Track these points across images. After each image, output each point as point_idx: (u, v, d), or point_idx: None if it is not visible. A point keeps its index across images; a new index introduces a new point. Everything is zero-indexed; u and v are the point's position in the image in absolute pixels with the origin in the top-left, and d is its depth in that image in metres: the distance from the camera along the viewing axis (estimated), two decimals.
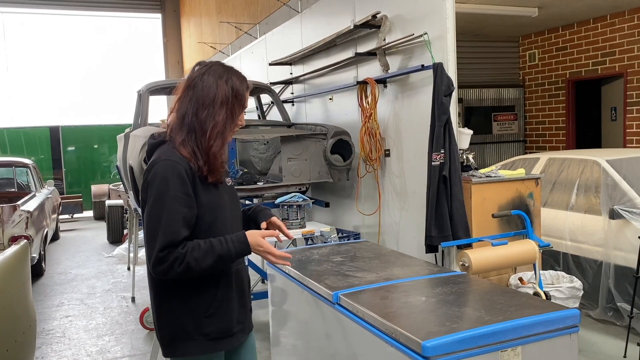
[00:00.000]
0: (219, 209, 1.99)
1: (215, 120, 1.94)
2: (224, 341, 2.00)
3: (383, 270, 2.93)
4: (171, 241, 1.83)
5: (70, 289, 6.57)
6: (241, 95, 2.01)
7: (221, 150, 1.96)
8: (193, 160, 1.92)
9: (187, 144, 1.94)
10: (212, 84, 1.96)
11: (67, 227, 11.83)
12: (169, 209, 1.85)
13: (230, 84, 1.98)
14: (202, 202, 1.93)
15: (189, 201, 1.88)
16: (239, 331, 2.06)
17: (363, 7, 4.80)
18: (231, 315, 2.01)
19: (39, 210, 7.54)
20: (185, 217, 1.87)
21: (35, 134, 14.03)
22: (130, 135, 4.78)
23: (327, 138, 4.73)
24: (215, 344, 1.97)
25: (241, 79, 2.03)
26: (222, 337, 1.99)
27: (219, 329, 1.97)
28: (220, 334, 1.98)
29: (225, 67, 2.03)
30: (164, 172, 1.88)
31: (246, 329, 2.13)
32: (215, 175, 1.96)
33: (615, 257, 4.33)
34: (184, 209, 1.86)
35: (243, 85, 2.02)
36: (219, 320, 1.97)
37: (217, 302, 1.97)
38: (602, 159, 4.77)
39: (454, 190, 3.73)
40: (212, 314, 1.95)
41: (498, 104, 9.63)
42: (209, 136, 1.93)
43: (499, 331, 1.99)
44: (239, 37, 10.38)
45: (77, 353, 4.52)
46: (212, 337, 1.96)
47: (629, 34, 7.78)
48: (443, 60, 3.81)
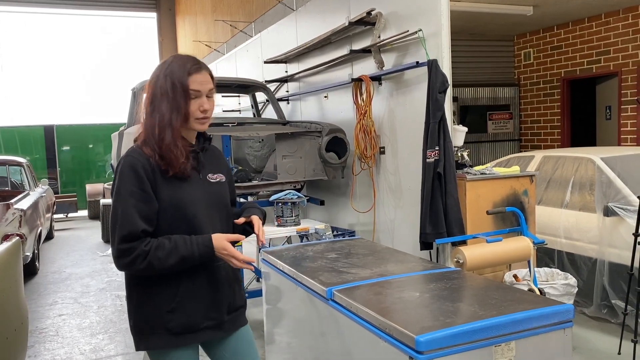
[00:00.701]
0: (185, 205, 1.96)
1: (160, 113, 1.92)
2: (188, 336, 1.99)
3: (377, 266, 2.92)
4: (129, 232, 1.84)
5: (64, 288, 6.54)
6: (180, 82, 1.92)
7: (175, 142, 1.92)
8: (152, 155, 1.92)
9: (147, 141, 1.95)
10: (154, 78, 1.96)
11: (62, 226, 11.78)
12: (123, 202, 1.87)
13: (169, 71, 1.93)
14: (164, 198, 1.92)
15: (144, 196, 1.88)
16: (208, 327, 2.02)
17: (358, 4, 4.79)
18: (196, 311, 1.98)
19: (32, 209, 7.50)
20: (141, 211, 1.87)
21: (30, 133, 13.97)
22: (125, 133, 4.76)
23: (322, 136, 4.72)
24: (178, 339, 1.97)
25: (181, 65, 1.94)
26: (186, 333, 1.98)
27: (181, 324, 1.96)
28: (184, 329, 1.97)
29: (172, 57, 1.99)
30: (122, 169, 1.91)
31: (225, 327, 2.08)
32: (174, 168, 1.92)
33: (610, 255, 4.34)
34: (140, 203, 1.87)
35: (182, 71, 1.93)
36: (181, 316, 1.96)
37: (179, 298, 1.96)
38: (597, 157, 4.78)
39: (448, 187, 3.73)
40: (174, 309, 1.95)
41: (493, 103, 9.64)
42: (158, 129, 1.92)
43: (492, 326, 1.99)
44: (234, 35, 10.36)
45: (70, 351, 4.49)
46: (175, 332, 1.96)
47: (624, 32, 7.80)
48: (438, 57, 3.80)
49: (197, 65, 1.95)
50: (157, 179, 1.91)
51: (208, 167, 2.07)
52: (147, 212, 1.89)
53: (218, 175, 2.10)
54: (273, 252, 3.28)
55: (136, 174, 1.88)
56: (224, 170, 2.16)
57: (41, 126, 14.04)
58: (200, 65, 1.96)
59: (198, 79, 1.94)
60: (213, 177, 2.08)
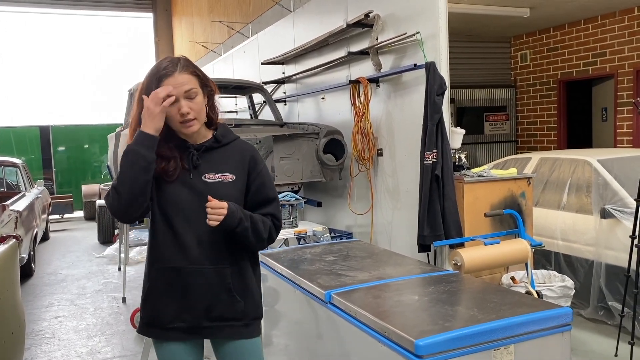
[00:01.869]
0: (162, 204, 1.99)
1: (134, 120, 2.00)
2: (154, 331, 2.05)
3: (376, 269, 2.92)
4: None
5: (60, 290, 6.51)
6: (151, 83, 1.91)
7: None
8: None
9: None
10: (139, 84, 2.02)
11: (58, 227, 11.74)
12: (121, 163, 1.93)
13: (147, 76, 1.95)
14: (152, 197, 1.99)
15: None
16: (180, 328, 2.00)
17: (356, 6, 4.79)
18: (164, 308, 2.01)
19: (28, 210, 7.47)
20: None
21: (25, 134, 13.91)
22: (121, 134, 4.75)
23: (320, 137, 4.72)
24: (148, 330, 2.06)
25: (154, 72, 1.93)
26: (152, 325, 2.05)
27: (149, 316, 2.05)
28: (151, 322, 2.04)
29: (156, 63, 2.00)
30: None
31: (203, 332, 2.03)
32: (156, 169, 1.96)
33: (607, 257, 4.35)
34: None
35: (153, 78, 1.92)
36: (149, 308, 2.05)
37: (147, 291, 2.05)
38: (594, 159, 4.79)
39: (446, 189, 3.73)
40: (144, 299, 2.06)
41: (490, 104, 9.66)
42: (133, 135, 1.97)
43: (491, 330, 1.99)
44: (231, 36, 10.35)
45: (67, 354, 4.47)
46: (145, 321, 2.06)
47: (620, 34, 7.83)
48: (435, 60, 3.80)
49: (169, 70, 1.90)
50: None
51: (208, 166, 2.01)
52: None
53: (221, 175, 2.01)
54: (271, 254, 3.27)
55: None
56: (238, 169, 2.04)
57: (37, 126, 13.99)
58: (172, 69, 1.91)
59: (170, 83, 1.89)
60: (213, 176, 2.00)
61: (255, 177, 2.07)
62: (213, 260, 2.00)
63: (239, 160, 2.06)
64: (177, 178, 1.98)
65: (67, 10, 15.42)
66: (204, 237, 1.98)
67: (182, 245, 1.98)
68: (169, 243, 1.99)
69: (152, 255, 2.04)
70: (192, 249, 1.98)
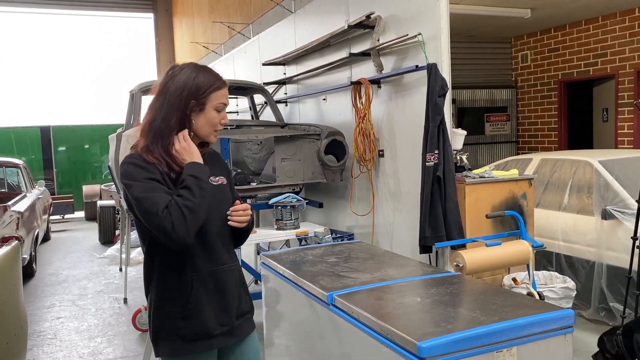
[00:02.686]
0: None
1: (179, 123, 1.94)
2: (201, 343, 1.98)
3: (377, 270, 2.92)
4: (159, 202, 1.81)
5: (61, 290, 6.52)
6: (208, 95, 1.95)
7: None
8: (159, 163, 1.91)
9: (153, 149, 1.93)
10: (180, 85, 1.94)
11: (59, 227, 11.75)
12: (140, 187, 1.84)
13: (197, 83, 1.94)
14: None
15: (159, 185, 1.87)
16: (221, 334, 2.02)
17: (357, 7, 4.79)
18: (207, 318, 1.97)
19: (29, 210, 7.48)
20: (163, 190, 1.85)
21: (26, 134, 13.92)
22: (122, 135, 4.75)
23: (321, 138, 4.72)
24: (191, 346, 1.96)
25: (209, 78, 1.97)
26: (198, 339, 1.97)
27: (195, 330, 1.96)
28: (196, 336, 1.96)
29: (195, 68, 1.99)
30: (126, 169, 1.89)
31: (235, 332, 2.08)
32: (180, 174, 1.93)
33: (608, 258, 4.35)
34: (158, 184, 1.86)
35: (210, 85, 1.96)
36: (194, 322, 1.95)
37: (190, 305, 1.95)
38: (595, 160, 4.79)
39: (447, 190, 3.73)
40: (186, 315, 1.95)
41: (491, 105, 9.66)
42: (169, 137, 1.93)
43: (494, 332, 1.99)
44: (232, 37, 10.35)
45: (68, 355, 4.48)
46: (188, 338, 1.96)
47: (621, 35, 7.83)
48: (437, 61, 3.81)
49: (222, 81, 2.01)
50: (166, 181, 1.91)
51: (210, 171, 2.05)
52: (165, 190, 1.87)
53: (220, 178, 2.09)
54: (272, 255, 3.27)
55: (144, 168, 1.87)
56: (224, 173, 2.15)
57: (37, 127, 14.00)
58: (224, 81, 2.02)
59: (224, 93, 2.01)
60: (215, 179, 2.06)
61: (230, 180, 2.19)
62: (233, 258, 2.09)
63: (222, 165, 2.19)
64: None
65: (68, 10, 15.43)
66: (225, 238, 2.06)
67: (212, 249, 2.00)
68: (203, 249, 1.98)
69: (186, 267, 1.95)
70: (220, 250, 2.02)
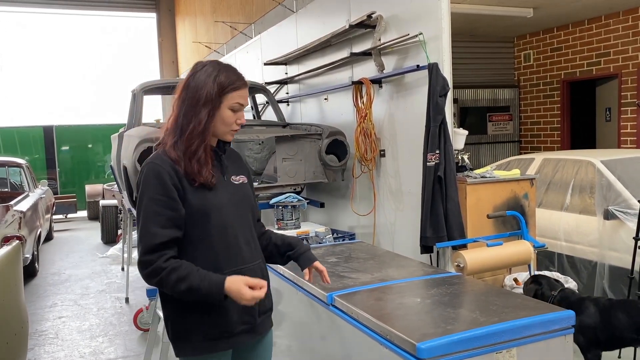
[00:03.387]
0: (212, 210, 1.93)
1: (197, 120, 1.92)
2: (224, 341, 1.96)
3: (378, 271, 2.92)
4: (148, 244, 1.82)
5: (63, 290, 6.53)
6: (228, 94, 1.94)
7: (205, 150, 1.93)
8: (179, 161, 1.89)
9: (177, 146, 1.92)
10: (200, 82, 1.93)
11: (61, 227, 11.77)
12: (145, 212, 1.85)
13: (218, 81, 1.93)
14: (191, 203, 1.90)
15: (170, 203, 1.85)
16: (243, 332, 2.00)
17: (358, 6, 4.79)
18: (230, 317, 1.95)
19: (32, 210, 7.49)
20: (167, 218, 1.84)
21: (29, 134, 13.95)
22: (124, 135, 4.75)
23: (322, 138, 4.72)
24: (215, 344, 1.95)
25: (230, 77, 1.96)
26: (221, 337, 1.95)
27: (216, 329, 1.94)
28: (219, 335, 1.94)
29: (218, 65, 1.98)
30: (146, 176, 1.89)
31: (257, 330, 2.07)
32: (200, 176, 1.90)
33: (610, 258, 4.34)
34: (165, 210, 1.84)
35: (231, 84, 1.95)
36: (216, 321, 1.94)
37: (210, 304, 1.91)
38: (597, 160, 4.77)
39: (449, 190, 3.72)
40: (209, 315, 1.93)
41: (493, 105, 9.64)
42: (190, 137, 1.91)
43: (494, 333, 1.99)
44: (234, 36, 10.35)
45: (70, 354, 4.49)
46: (210, 337, 1.94)
47: (624, 34, 7.80)
48: (438, 61, 3.80)
49: (243, 81, 2.00)
50: (184, 185, 1.89)
51: (231, 170, 2.07)
52: (174, 218, 1.86)
53: (240, 177, 2.09)
54: None
55: (160, 181, 1.86)
56: (245, 172, 2.15)
57: (40, 127, 14.03)
58: (245, 81, 2.01)
59: (243, 94, 1.99)
60: (236, 178, 2.07)
61: (250, 179, 2.18)
62: (256, 256, 2.08)
63: (242, 164, 2.18)
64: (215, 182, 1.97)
65: (70, 10, 15.45)
66: (248, 236, 2.05)
67: (236, 247, 1.99)
68: (224, 249, 1.96)
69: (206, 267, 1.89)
70: (244, 248, 2.02)
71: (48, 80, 15.34)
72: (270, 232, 2.25)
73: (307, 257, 2.19)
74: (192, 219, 1.90)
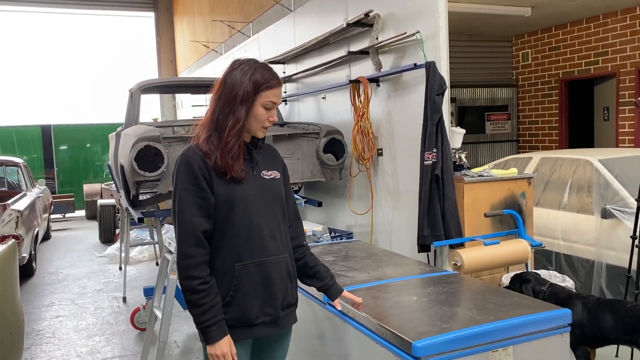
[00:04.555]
0: (238, 202, 2.00)
1: (235, 118, 1.98)
2: (243, 330, 2.02)
3: (375, 269, 2.92)
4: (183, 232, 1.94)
5: (61, 289, 6.52)
6: (264, 92, 2.00)
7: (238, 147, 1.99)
8: (210, 155, 1.97)
9: (210, 140, 2.00)
10: (237, 80, 2.00)
11: (59, 226, 11.75)
12: (179, 201, 1.96)
13: (253, 79, 1.99)
14: (219, 195, 1.98)
15: (200, 192, 1.95)
16: (264, 323, 2.04)
17: (356, 5, 4.78)
18: (249, 307, 2.00)
19: (29, 209, 7.48)
20: (198, 206, 1.95)
21: (27, 133, 13.93)
22: (122, 134, 4.74)
23: (320, 137, 4.71)
24: (233, 333, 1.99)
25: (265, 76, 2.02)
26: (240, 326, 2.01)
27: (236, 317, 1.99)
28: (238, 322, 2.00)
29: (254, 64, 2.05)
30: (178, 167, 2.00)
31: (280, 323, 2.09)
32: (230, 171, 1.98)
33: (608, 257, 4.33)
34: (196, 199, 1.95)
35: (267, 82, 2.01)
36: (236, 309, 1.99)
37: (232, 291, 1.99)
38: (595, 159, 4.77)
39: (446, 189, 3.72)
40: (228, 302, 1.99)
41: (491, 104, 9.63)
42: (227, 133, 1.98)
43: (490, 331, 1.98)
44: (232, 35, 10.34)
45: (67, 353, 4.47)
46: (229, 324, 1.99)
47: (622, 33, 7.80)
48: (436, 59, 3.79)
49: (278, 80, 2.05)
50: (212, 177, 1.97)
51: (262, 164, 2.12)
52: (205, 207, 1.96)
53: (272, 172, 2.14)
54: None
55: (190, 172, 1.96)
56: (279, 167, 2.19)
57: (38, 126, 14.01)
58: (279, 80, 2.06)
59: (277, 93, 2.04)
60: (267, 173, 2.12)
61: (286, 177, 2.25)
62: (282, 250, 2.10)
63: (277, 160, 2.23)
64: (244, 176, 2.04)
65: (68, 9, 15.43)
66: (275, 229, 2.08)
67: (260, 240, 2.03)
68: (248, 240, 2.02)
69: (230, 256, 2.00)
70: (268, 241, 2.05)
71: (46, 79, 15.31)
72: (306, 250, 2.26)
73: (335, 289, 2.27)
74: (218, 210, 1.99)
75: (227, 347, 1.94)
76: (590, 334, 2.99)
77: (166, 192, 4.09)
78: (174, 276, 3.43)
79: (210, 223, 1.97)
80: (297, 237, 2.23)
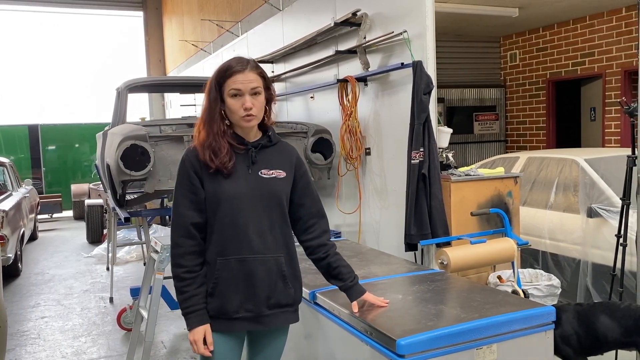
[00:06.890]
0: (224, 198, 2.03)
1: (211, 113, 2.05)
2: (222, 322, 2.05)
3: (362, 268, 2.92)
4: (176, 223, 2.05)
5: (47, 290, 6.46)
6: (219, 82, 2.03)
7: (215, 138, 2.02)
8: (201, 151, 2.04)
9: (198, 137, 2.08)
10: (212, 76, 2.08)
11: (46, 227, 11.65)
12: (175, 196, 2.08)
13: (217, 70, 2.04)
14: (207, 190, 2.05)
15: (191, 187, 2.05)
16: (244, 318, 2.05)
17: (344, 4, 4.78)
18: (229, 300, 2.03)
19: (15, 209, 7.40)
20: (190, 200, 2.04)
21: (14, 133, 13.79)
22: (108, 133, 4.71)
23: (308, 136, 4.70)
24: (214, 322, 2.05)
25: (226, 67, 2.04)
26: (220, 317, 2.05)
27: (216, 308, 2.05)
28: (217, 314, 2.05)
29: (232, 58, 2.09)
30: (178, 166, 2.11)
31: (263, 321, 2.08)
32: (213, 162, 2.01)
33: (593, 255, 4.37)
34: (189, 193, 2.05)
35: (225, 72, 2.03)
36: (216, 301, 2.04)
37: (213, 284, 2.04)
38: (581, 158, 4.81)
39: (433, 188, 3.73)
40: (211, 293, 2.05)
41: (479, 104, 9.68)
42: (208, 129, 2.04)
43: (474, 329, 1.99)
44: (221, 35, 10.30)
45: (52, 355, 4.43)
46: (210, 314, 2.05)
47: (608, 34, 7.87)
48: (423, 59, 3.80)
49: (242, 65, 2.04)
50: (203, 172, 2.04)
51: (264, 163, 2.11)
52: (196, 201, 2.04)
53: (275, 171, 2.12)
54: None
55: (184, 168, 2.06)
56: (287, 167, 2.17)
57: (25, 125, 13.87)
58: (245, 65, 2.04)
59: (239, 79, 2.01)
60: (267, 172, 2.11)
61: (301, 175, 2.22)
62: (272, 249, 2.09)
63: (287, 159, 2.21)
64: (236, 173, 2.06)
65: (56, 8, 15.30)
66: (264, 228, 2.08)
67: (245, 237, 2.05)
68: (232, 236, 2.04)
69: (215, 250, 2.06)
70: (254, 240, 2.06)
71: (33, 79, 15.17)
72: (330, 250, 2.22)
73: (355, 290, 2.24)
74: (208, 204, 2.06)
75: (200, 335, 2.01)
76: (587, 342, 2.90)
77: (152, 192, 4.06)
78: (160, 276, 3.41)
79: (202, 217, 2.04)
80: (320, 236, 2.21)
